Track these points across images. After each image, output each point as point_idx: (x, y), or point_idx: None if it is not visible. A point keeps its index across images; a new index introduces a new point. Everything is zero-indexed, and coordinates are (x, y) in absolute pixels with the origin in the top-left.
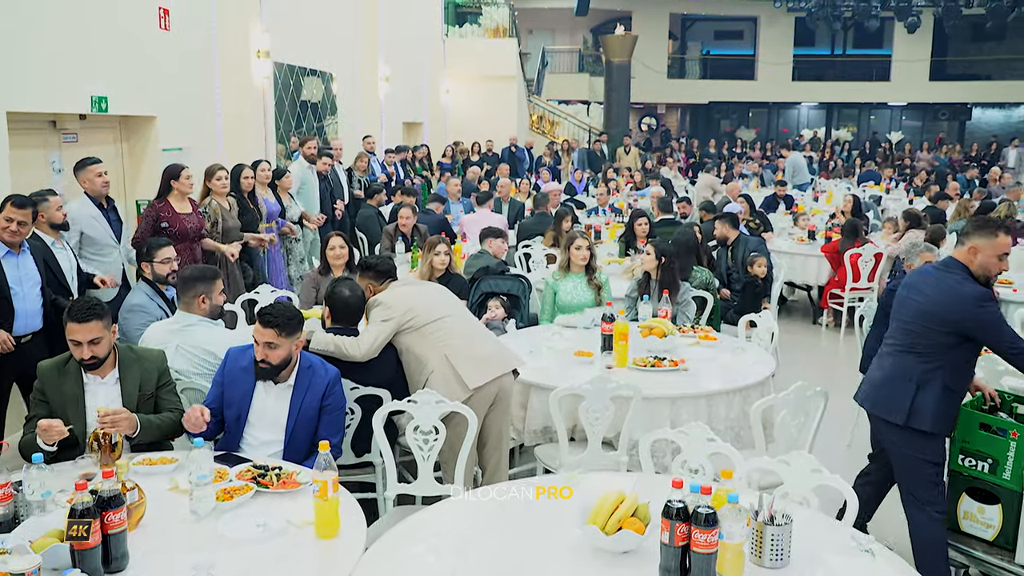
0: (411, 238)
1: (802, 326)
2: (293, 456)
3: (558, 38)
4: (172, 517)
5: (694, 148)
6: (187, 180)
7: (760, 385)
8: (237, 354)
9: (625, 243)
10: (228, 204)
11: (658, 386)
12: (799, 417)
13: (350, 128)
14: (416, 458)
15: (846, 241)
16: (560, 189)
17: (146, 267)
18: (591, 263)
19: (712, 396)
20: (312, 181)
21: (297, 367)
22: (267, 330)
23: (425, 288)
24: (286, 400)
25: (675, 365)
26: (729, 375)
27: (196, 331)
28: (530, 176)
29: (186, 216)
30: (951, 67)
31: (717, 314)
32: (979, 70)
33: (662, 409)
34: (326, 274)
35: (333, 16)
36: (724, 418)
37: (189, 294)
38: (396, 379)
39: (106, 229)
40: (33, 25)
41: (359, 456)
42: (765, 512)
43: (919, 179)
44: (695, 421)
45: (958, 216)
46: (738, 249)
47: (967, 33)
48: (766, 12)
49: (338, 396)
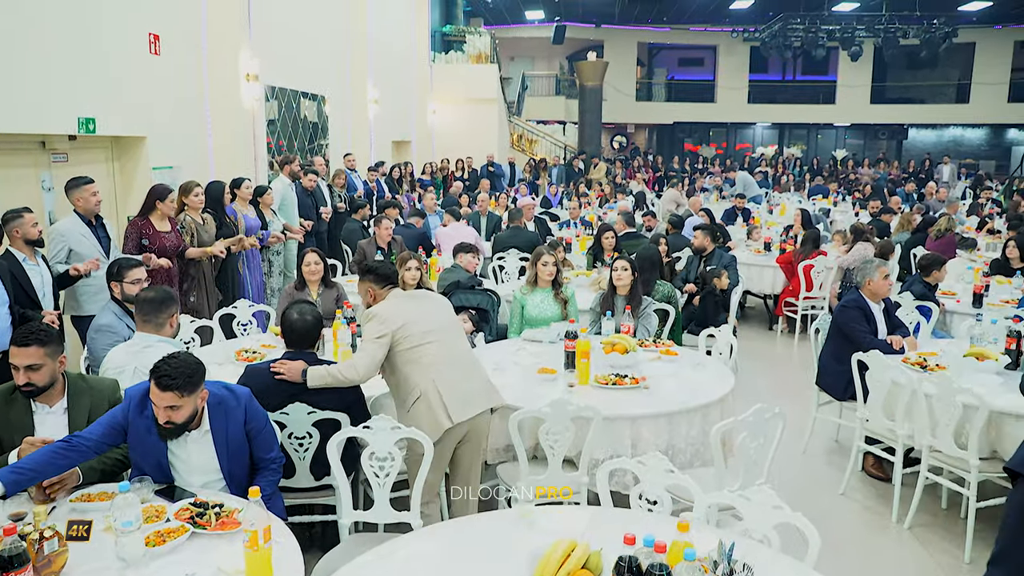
0: (388, 251)
1: (759, 332)
2: (238, 485)
3: (537, 64)
4: (101, 562)
5: (659, 164)
6: (172, 203)
7: (720, 402)
8: (139, 402)
9: (592, 256)
10: (203, 219)
11: (619, 405)
12: (758, 439)
13: (342, 147)
14: (372, 485)
15: (805, 250)
16: (534, 204)
17: (115, 287)
18: (557, 278)
19: (673, 415)
20: (293, 197)
21: (206, 409)
22: (166, 393)
23: (424, 303)
24: (208, 445)
25: (636, 383)
26: (690, 392)
27: (155, 352)
28: (509, 191)
29: (166, 234)
30: (889, 92)
31: (679, 326)
32: (914, 95)
33: (623, 428)
34: (302, 289)
35: (324, 42)
36: (685, 436)
37: (162, 315)
38: (355, 403)
39: (95, 245)
40: (24, 49)
41: (319, 480)
42: (725, 566)
43: (862, 192)
44: (656, 440)
45: (901, 228)
46: (712, 260)
47: (904, 61)
48: (724, 41)
49: (258, 414)
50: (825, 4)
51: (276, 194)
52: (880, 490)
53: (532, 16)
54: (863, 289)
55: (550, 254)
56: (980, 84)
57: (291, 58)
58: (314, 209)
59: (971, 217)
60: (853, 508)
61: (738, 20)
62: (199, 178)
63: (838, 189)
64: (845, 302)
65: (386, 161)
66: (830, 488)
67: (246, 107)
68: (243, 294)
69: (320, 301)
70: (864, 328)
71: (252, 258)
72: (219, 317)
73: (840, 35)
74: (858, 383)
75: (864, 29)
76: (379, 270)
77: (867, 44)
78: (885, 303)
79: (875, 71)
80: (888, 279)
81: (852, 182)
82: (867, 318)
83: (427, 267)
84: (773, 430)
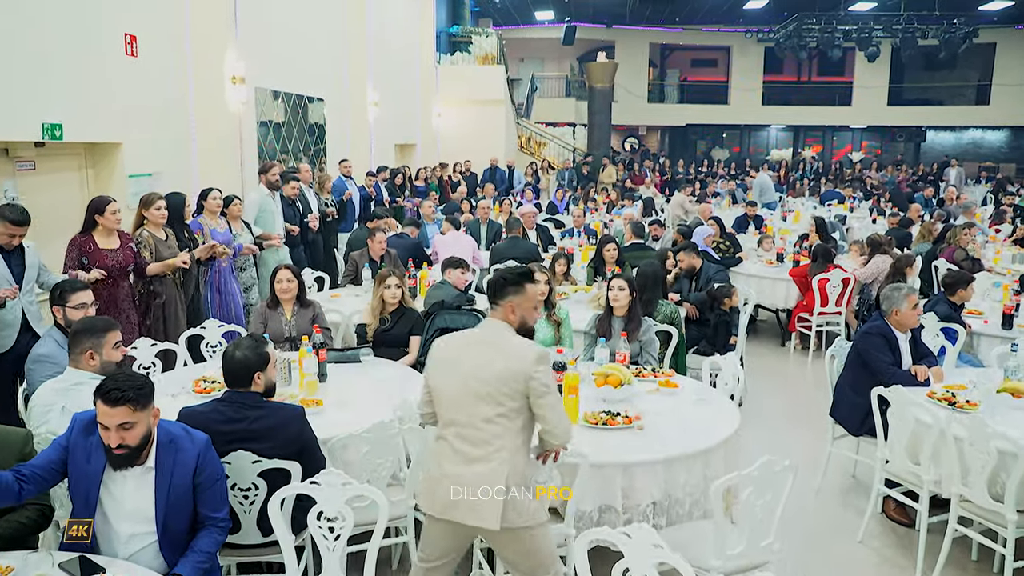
0: (380, 264)
1: (770, 348)
2: (170, 548)
3: (547, 65)
4: None
5: (666, 167)
6: (113, 216)
7: (724, 444)
8: (84, 426)
9: (594, 269)
10: (164, 235)
11: (610, 449)
12: (765, 495)
13: (340, 151)
14: (320, 550)
15: (817, 265)
16: (534, 212)
17: (58, 312)
18: (550, 298)
19: (670, 462)
20: (273, 207)
21: (156, 442)
22: (117, 409)
23: (470, 340)
24: (148, 485)
25: (630, 422)
26: (690, 434)
27: (84, 391)
28: (515, 196)
29: (110, 252)
30: (907, 93)
31: (683, 348)
32: (932, 96)
33: (614, 476)
34: (275, 308)
35: (321, 43)
36: (683, 484)
37: (76, 349)
38: (307, 449)
39: (3, 275)
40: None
41: (268, 536)
42: None
43: (880, 198)
44: (651, 488)
45: (922, 239)
46: (701, 276)
47: (921, 62)
48: (738, 42)
49: (214, 465)
50: (841, 4)
51: (252, 205)
52: (902, 537)
53: (542, 16)
54: (888, 318)
55: (541, 271)
56: (1001, 85)
57: (285, 59)
58: (298, 219)
59: (995, 227)
60: (872, 559)
61: (752, 20)
62: (183, 186)
63: (854, 194)
64: (868, 328)
65: (388, 166)
66: (846, 534)
67: (232, 111)
68: (214, 315)
69: (295, 321)
70: (887, 358)
71: (225, 279)
72: (186, 338)
73: (857, 35)
74: (878, 419)
75: (881, 29)
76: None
77: (884, 44)
78: (912, 331)
79: (892, 72)
80: (917, 308)
81: (870, 188)
82: (891, 347)
83: (417, 281)
84: (782, 485)
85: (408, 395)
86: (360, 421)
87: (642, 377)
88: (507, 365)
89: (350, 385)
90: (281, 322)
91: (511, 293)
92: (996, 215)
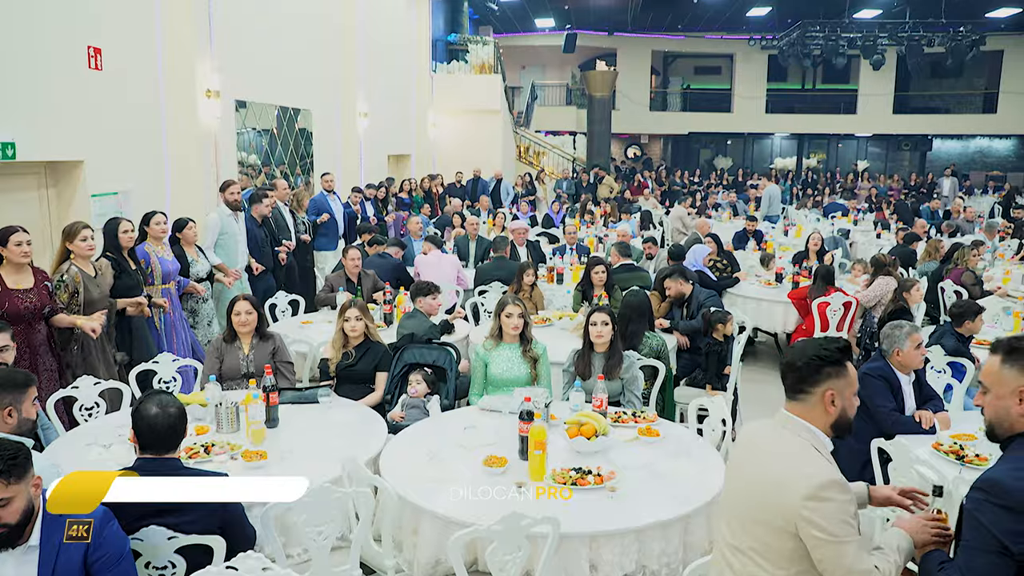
0: (357, 285)
1: (767, 375)
2: None
3: (548, 73)
4: None
5: (663, 178)
6: (18, 247)
7: (707, 507)
8: None
9: (581, 293)
10: (96, 268)
11: (577, 516)
12: None
13: (328, 164)
14: None
15: (817, 287)
16: (525, 229)
17: None
18: (525, 332)
19: (644, 531)
20: (235, 230)
21: (41, 517)
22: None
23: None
24: (31, 567)
25: (602, 481)
26: (667, 496)
27: None
28: (510, 209)
29: (19, 293)
30: (913, 101)
31: (670, 384)
32: (939, 104)
33: (579, 549)
34: (232, 342)
35: (308, 54)
36: (659, 555)
37: None
38: (231, 521)
39: None
40: None
41: None
42: None
43: (885, 210)
44: (622, 560)
45: (928, 257)
46: (692, 303)
47: (927, 70)
48: (741, 50)
49: (114, 541)
50: (846, 11)
51: (212, 226)
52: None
53: (542, 24)
54: (890, 358)
55: (516, 304)
56: (1008, 93)
57: (267, 70)
58: (270, 243)
59: (1004, 241)
60: None
61: (755, 28)
62: (153, 206)
63: (858, 206)
64: (868, 369)
65: (379, 179)
66: None
67: (206, 126)
68: (173, 350)
69: (252, 356)
70: (887, 403)
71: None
72: (136, 374)
73: (861, 43)
74: (878, 472)
75: (887, 37)
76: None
77: (890, 52)
78: (916, 372)
79: (898, 80)
80: (921, 348)
81: (872, 199)
82: (893, 390)
83: (393, 307)
84: None
85: (363, 446)
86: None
87: (621, 423)
88: (774, 490)
89: (303, 432)
90: (238, 357)
91: (829, 376)
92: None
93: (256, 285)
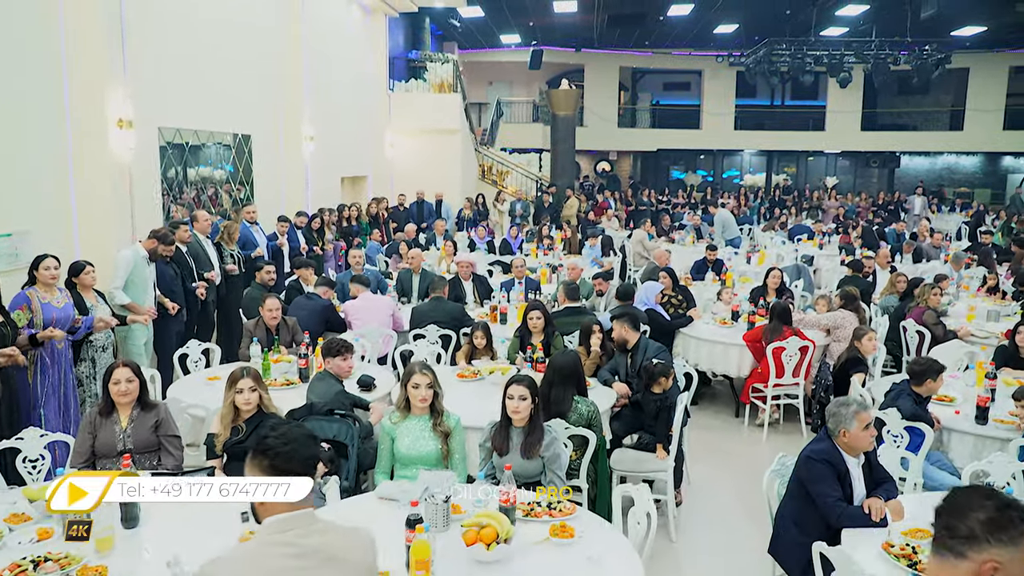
0: (276, 335)
1: (723, 420)
2: None
3: (516, 89)
4: None
5: (629, 196)
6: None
7: None
8: None
9: (519, 339)
10: None
11: None
12: None
13: (270, 192)
14: None
15: (773, 328)
16: (470, 263)
17: None
18: (436, 403)
19: None
20: (146, 274)
21: None
22: None
23: None
24: None
25: None
26: None
27: None
28: (471, 233)
29: None
30: (881, 118)
31: (603, 454)
32: (906, 121)
33: None
34: (108, 415)
35: (246, 77)
36: None
37: None
38: None
39: None
40: None
41: None
42: None
43: (850, 234)
44: None
45: (891, 287)
46: (637, 355)
47: (895, 87)
48: (710, 66)
49: None
50: (812, 29)
51: (122, 265)
52: None
53: (508, 40)
54: (836, 439)
55: (423, 372)
56: (974, 111)
57: (197, 96)
58: (180, 281)
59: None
60: None
61: (723, 44)
62: (60, 247)
63: (824, 229)
64: (811, 452)
65: (342, 204)
66: None
67: (119, 158)
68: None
69: (131, 430)
70: (832, 492)
71: (61, 369)
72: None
73: (828, 61)
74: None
75: (853, 55)
76: None
77: (857, 70)
78: (866, 454)
79: (866, 97)
80: (869, 429)
81: (840, 219)
82: (839, 476)
83: (309, 361)
84: None
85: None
86: None
87: (533, 516)
88: None
89: (171, 533)
90: (114, 432)
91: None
92: (975, 251)
93: (168, 328)
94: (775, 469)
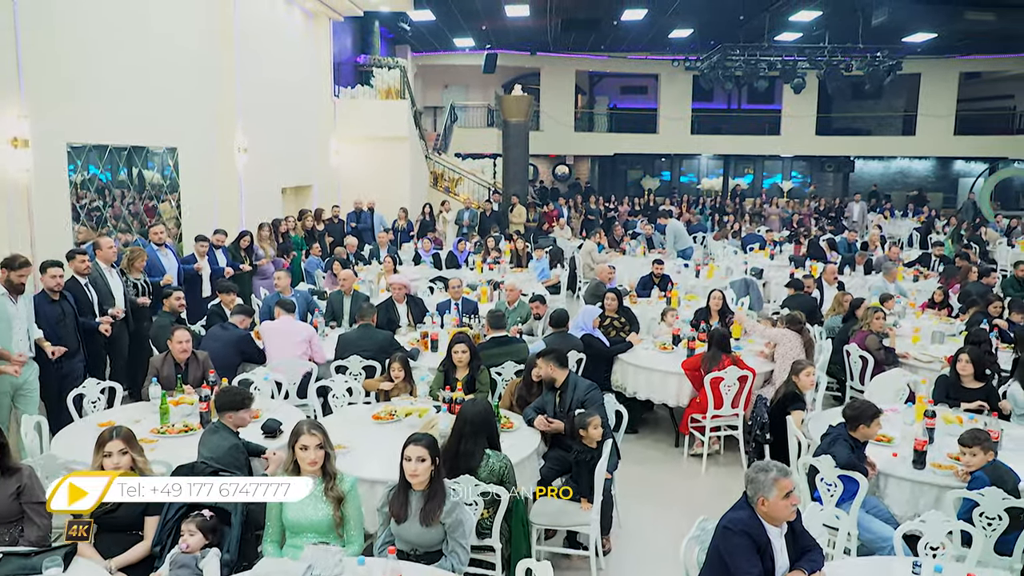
0: (185, 370)
1: (661, 450)
2: None
3: (472, 93)
4: None
5: (579, 204)
6: None
7: None
8: None
9: (443, 374)
10: None
11: None
12: None
13: (200, 207)
14: None
15: (711, 356)
16: (404, 284)
17: None
18: (327, 466)
19: None
20: (10, 313)
21: None
22: None
23: None
24: None
25: None
26: None
27: None
28: (417, 246)
29: None
30: (835, 123)
31: (520, 508)
32: (860, 126)
33: None
34: None
35: (171, 87)
36: None
37: None
38: None
39: None
40: None
41: None
42: None
43: (802, 243)
44: None
45: (833, 312)
46: (567, 394)
47: (849, 92)
48: (666, 70)
49: None
50: (765, 35)
51: None
52: None
53: (462, 43)
54: (757, 507)
55: (312, 433)
56: (926, 116)
57: (112, 109)
58: (74, 318)
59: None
60: None
61: (678, 49)
62: None
63: (775, 239)
64: (729, 521)
65: (277, 218)
66: None
67: (14, 179)
68: None
69: None
70: (751, 568)
71: None
72: None
73: (781, 67)
74: None
75: (806, 61)
76: None
77: (811, 75)
78: (789, 523)
79: (820, 101)
80: (791, 497)
81: (792, 225)
82: (759, 548)
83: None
84: None
85: None
86: None
87: None
88: None
89: None
90: None
91: None
92: (924, 260)
93: (54, 372)
94: (694, 535)
